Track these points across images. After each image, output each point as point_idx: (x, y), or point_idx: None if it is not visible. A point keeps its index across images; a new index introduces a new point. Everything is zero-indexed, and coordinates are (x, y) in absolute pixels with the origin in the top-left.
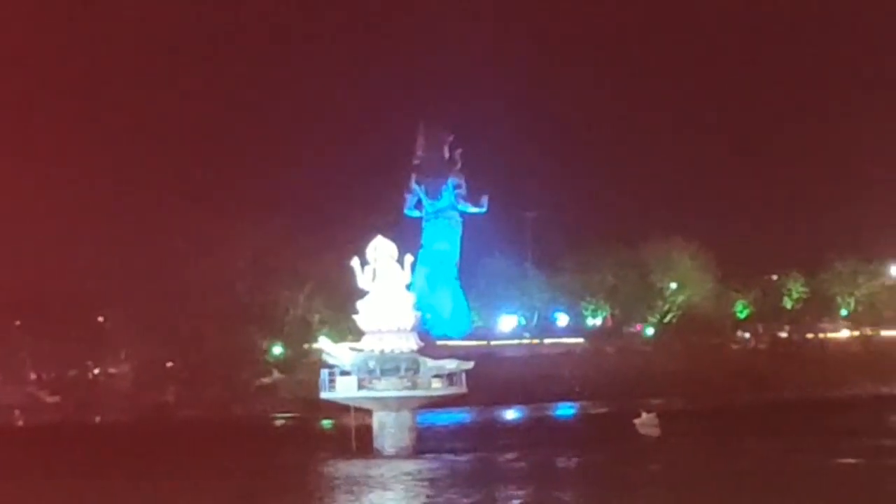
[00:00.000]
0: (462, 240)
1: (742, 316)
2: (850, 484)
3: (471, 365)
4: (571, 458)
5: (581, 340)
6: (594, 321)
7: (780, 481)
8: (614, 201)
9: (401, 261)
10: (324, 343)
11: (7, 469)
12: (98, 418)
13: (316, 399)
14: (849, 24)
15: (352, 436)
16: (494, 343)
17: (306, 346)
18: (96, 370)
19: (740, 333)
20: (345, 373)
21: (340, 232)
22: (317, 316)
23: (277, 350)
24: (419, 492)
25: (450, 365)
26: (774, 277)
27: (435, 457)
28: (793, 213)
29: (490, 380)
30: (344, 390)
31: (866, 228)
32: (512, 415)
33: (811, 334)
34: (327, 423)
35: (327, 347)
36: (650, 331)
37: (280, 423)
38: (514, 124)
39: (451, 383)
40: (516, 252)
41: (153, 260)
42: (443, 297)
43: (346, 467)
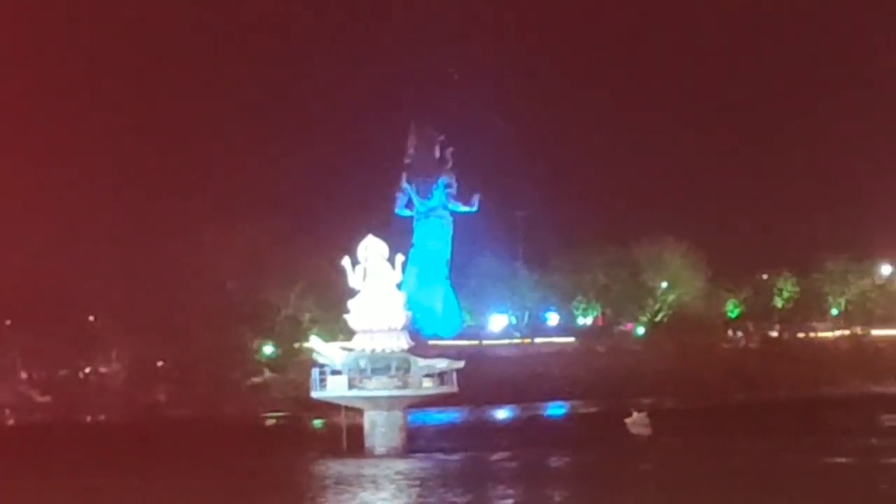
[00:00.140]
0: (453, 239)
1: (733, 315)
2: (842, 483)
3: (461, 364)
4: (562, 457)
5: (572, 340)
6: (585, 320)
7: (772, 480)
8: (605, 201)
9: (392, 260)
10: (315, 342)
11: None
12: (89, 418)
13: (307, 398)
14: (840, 25)
15: (343, 435)
16: (485, 342)
17: (297, 346)
18: (87, 369)
19: (731, 333)
20: (336, 372)
21: (331, 231)
22: (308, 315)
23: (268, 349)
24: (411, 491)
25: (440, 364)
26: (765, 277)
27: (426, 456)
28: (784, 212)
29: (481, 379)
30: (335, 389)
31: (857, 228)
32: (503, 414)
33: (802, 333)
34: (318, 423)
35: (318, 347)
36: (641, 330)
37: (271, 422)
38: (505, 124)
39: (442, 382)
40: (507, 251)
41: (144, 259)
42: (434, 296)
43: (337, 467)
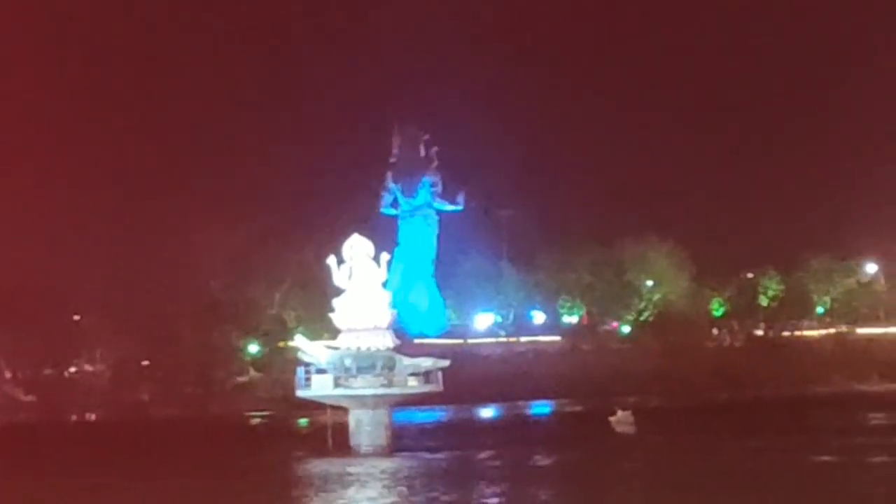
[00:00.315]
0: (438, 238)
1: (718, 314)
2: (827, 482)
3: (447, 363)
4: (548, 456)
5: (557, 338)
6: (570, 319)
7: (757, 479)
8: (590, 200)
9: (377, 259)
10: (300, 341)
11: None
12: (74, 417)
13: (292, 397)
14: (824, 26)
15: (328, 434)
16: (471, 341)
17: (282, 345)
18: (72, 369)
19: (716, 331)
20: (321, 371)
21: (317, 230)
22: (293, 314)
23: (254, 348)
24: (396, 490)
25: (426, 363)
26: (750, 275)
27: (411, 455)
28: (768, 211)
29: (466, 378)
30: (320, 388)
31: (842, 227)
32: (488, 413)
33: (787, 332)
34: (303, 422)
35: (303, 345)
36: (626, 329)
37: (256, 421)
38: (489, 123)
39: (427, 381)
40: (492, 250)
41: (129, 259)
42: (419, 295)
43: (323, 465)
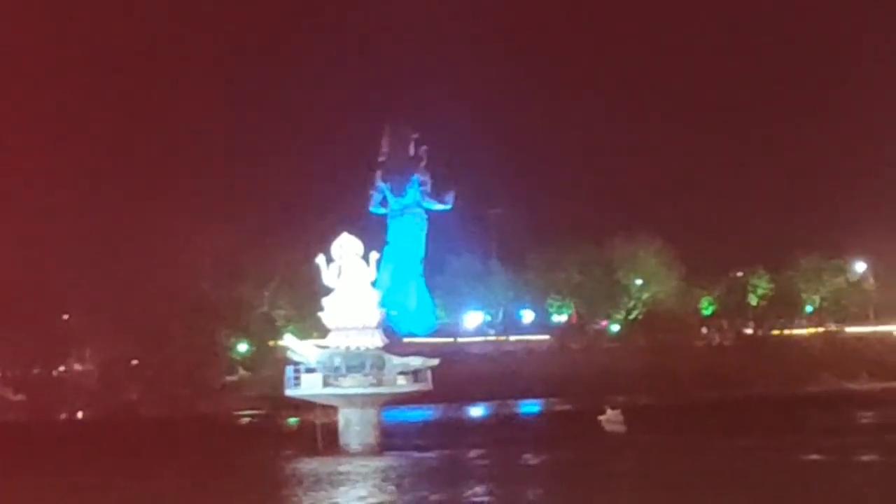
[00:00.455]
0: (427, 237)
1: (707, 313)
2: (816, 481)
3: (436, 362)
4: (537, 454)
5: (547, 337)
6: (560, 318)
7: (746, 478)
8: (579, 199)
9: (366, 258)
10: (289, 340)
11: None
12: (63, 416)
13: (281, 396)
14: (814, 26)
15: (317, 433)
16: (460, 340)
17: (272, 344)
18: (61, 368)
19: (705, 330)
20: (310, 370)
21: (306, 229)
22: (282, 313)
23: (243, 347)
24: (386, 489)
25: (415, 362)
26: (739, 274)
27: (400, 454)
28: (758, 210)
29: (455, 377)
30: (309, 387)
31: (831, 225)
32: (477, 412)
33: (776, 331)
34: (293, 421)
35: (293, 344)
36: (615, 327)
37: (245, 420)
38: (478, 122)
39: (417, 380)
40: (481, 249)
41: (118, 258)
42: (408, 294)
43: (313, 465)
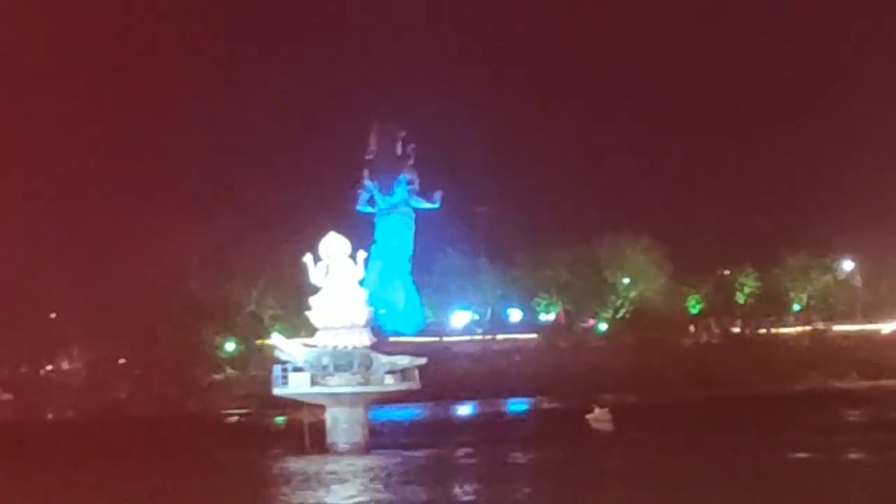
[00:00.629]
0: (415, 235)
1: (695, 311)
2: (804, 479)
3: (424, 361)
4: (525, 453)
5: (534, 336)
6: (547, 317)
7: (733, 476)
8: (566, 197)
9: (354, 257)
10: (277, 339)
11: None
12: (51, 415)
13: (269, 395)
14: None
15: (305, 432)
16: (447, 339)
17: (259, 343)
18: (49, 367)
19: (692, 329)
20: (298, 369)
21: (293, 228)
22: (270, 312)
23: (230, 346)
24: (374, 488)
25: (403, 361)
26: (727, 272)
27: (388, 453)
28: (745, 208)
29: (443, 375)
30: (297, 386)
31: (819, 224)
32: (465, 410)
33: (763, 329)
34: (281, 420)
35: (280, 343)
36: (603, 326)
37: (233, 419)
38: (466, 120)
39: (404, 379)
40: (469, 248)
41: (106, 256)
42: (396, 292)
43: (300, 464)
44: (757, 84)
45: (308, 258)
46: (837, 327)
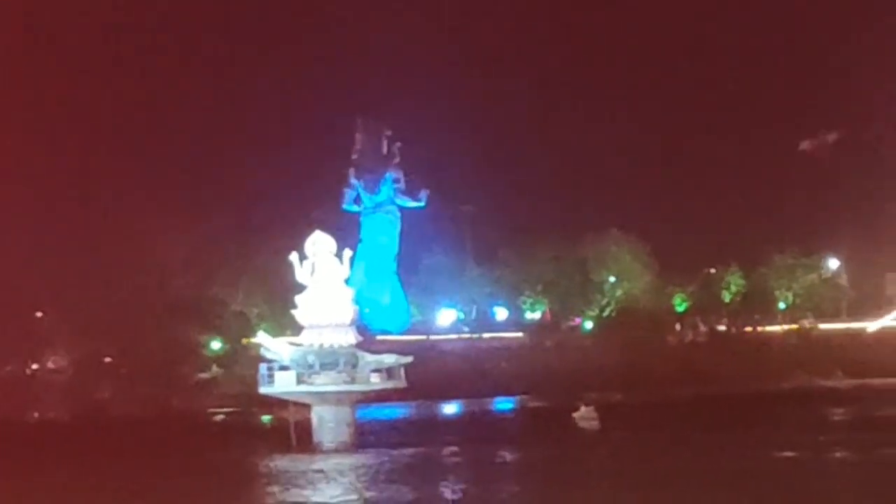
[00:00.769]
0: (401, 234)
1: (680, 309)
2: (790, 477)
3: (410, 359)
4: (511, 451)
5: (520, 334)
6: (533, 315)
7: (719, 475)
8: (552, 196)
9: (339, 255)
10: (262, 338)
11: None
12: (36, 414)
13: (255, 394)
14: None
15: (291, 431)
16: (433, 337)
17: (245, 341)
18: (35, 366)
19: (678, 327)
20: (284, 367)
21: (279, 227)
22: (255, 310)
23: (216, 345)
24: (360, 487)
25: (388, 359)
26: (713, 271)
27: (375, 451)
28: (731, 207)
29: (429, 374)
30: (283, 385)
31: (804, 222)
32: (451, 409)
33: (749, 327)
34: (267, 419)
35: (266, 342)
36: (589, 324)
37: (219, 418)
38: (452, 119)
39: (390, 377)
40: (455, 246)
41: (92, 255)
42: (381, 291)
43: (286, 462)
44: (745, 83)
45: (294, 257)
46: (823, 325)
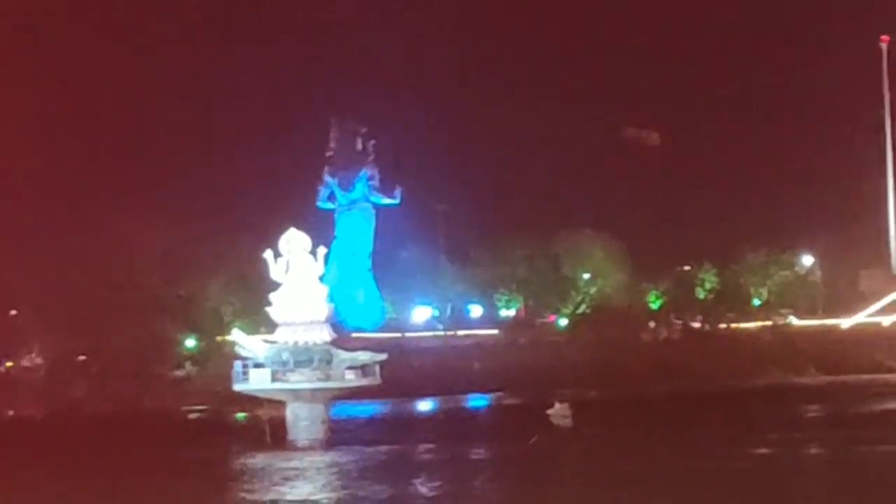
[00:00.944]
0: (375, 232)
1: (655, 307)
2: (763, 474)
3: (384, 356)
4: (485, 449)
5: (495, 332)
6: (508, 312)
7: (693, 472)
8: (526, 193)
9: (314, 253)
10: (237, 335)
11: None
12: (11, 412)
13: (230, 391)
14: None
15: (266, 428)
16: (408, 334)
17: (219, 339)
18: (9, 363)
19: (652, 324)
20: (258, 365)
21: (253, 224)
22: (230, 308)
23: (190, 343)
24: (334, 484)
25: (363, 357)
26: (687, 268)
27: (349, 449)
28: (705, 204)
29: (404, 371)
30: (257, 382)
31: (778, 219)
32: (426, 406)
33: (723, 324)
34: (241, 416)
35: (241, 339)
36: (563, 321)
37: (193, 415)
38: (425, 116)
39: (365, 375)
40: (429, 244)
41: (66, 253)
42: (356, 288)
43: (261, 460)
44: (718, 81)
45: (268, 254)
46: (797, 322)
